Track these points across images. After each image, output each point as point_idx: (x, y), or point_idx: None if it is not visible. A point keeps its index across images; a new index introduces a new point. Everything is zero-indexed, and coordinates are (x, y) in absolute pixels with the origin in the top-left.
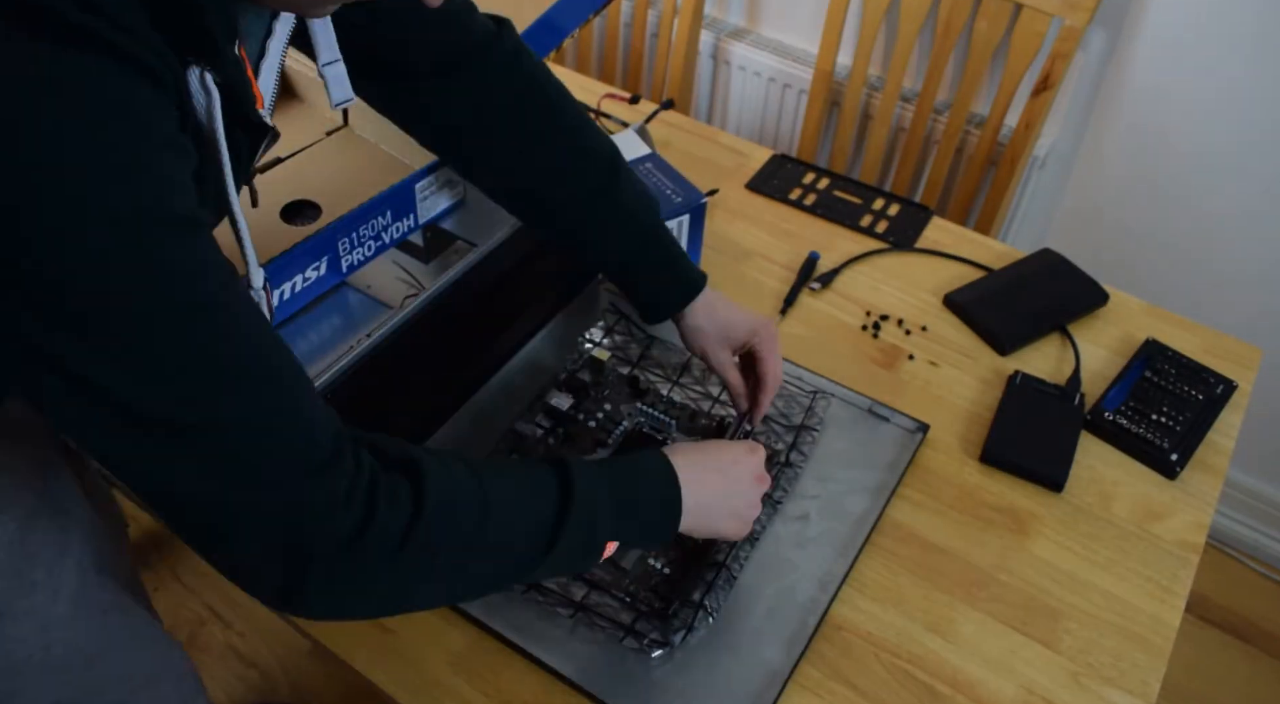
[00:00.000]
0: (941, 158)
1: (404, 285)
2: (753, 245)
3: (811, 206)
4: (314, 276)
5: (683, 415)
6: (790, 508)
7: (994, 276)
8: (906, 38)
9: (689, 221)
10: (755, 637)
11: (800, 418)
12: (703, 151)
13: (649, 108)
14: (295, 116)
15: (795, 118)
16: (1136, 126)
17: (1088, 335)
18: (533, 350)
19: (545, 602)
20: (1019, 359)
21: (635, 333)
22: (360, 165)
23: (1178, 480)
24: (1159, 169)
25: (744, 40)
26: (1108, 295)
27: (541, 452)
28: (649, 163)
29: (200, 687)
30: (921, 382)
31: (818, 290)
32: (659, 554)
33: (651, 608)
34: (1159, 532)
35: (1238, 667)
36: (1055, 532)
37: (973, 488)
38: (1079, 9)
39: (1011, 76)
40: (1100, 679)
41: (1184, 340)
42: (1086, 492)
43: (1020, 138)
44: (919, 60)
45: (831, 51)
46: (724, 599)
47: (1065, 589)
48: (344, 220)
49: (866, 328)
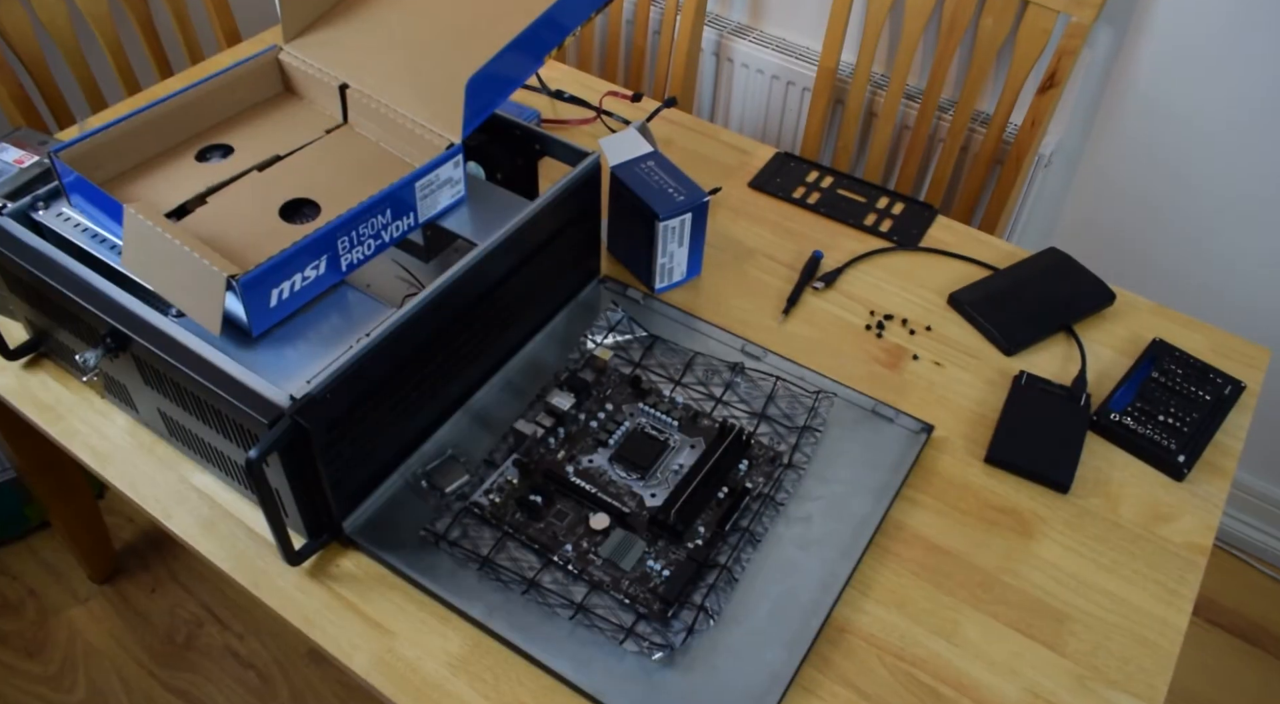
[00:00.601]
0: (946, 156)
1: (404, 284)
2: (756, 244)
3: (815, 205)
4: (313, 276)
5: (685, 416)
6: (793, 509)
7: (999, 276)
8: (911, 34)
9: (691, 220)
10: (757, 639)
11: (804, 419)
12: (705, 150)
13: (651, 105)
14: (294, 115)
15: (799, 116)
16: (1143, 124)
17: (1094, 335)
18: (534, 349)
19: (545, 603)
20: (1024, 359)
21: (637, 332)
22: (360, 163)
23: (1185, 482)
24: (1166, 168)
25: (747, 37)
26: (1114, 295)
27: (542, 452)
28: (651, 161)
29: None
30: (926, 382)
31: (821, 290)
32: (659, 556)
33: (651, 610)
34: (1166, 534)
35: (1245, 670)
36: (1061, 533)
37: (977, 489)
38: (1086, 5)
39: (1017, 74)
40: (1106, 682)
41: (1191, 340)
42: (1092, 493)
43: (1026, 136)
44: (924, 57)
45: (835, 49)
46: (725, 601)
47: (1071, 591)
48: (343, 219)
49: (870, 327)
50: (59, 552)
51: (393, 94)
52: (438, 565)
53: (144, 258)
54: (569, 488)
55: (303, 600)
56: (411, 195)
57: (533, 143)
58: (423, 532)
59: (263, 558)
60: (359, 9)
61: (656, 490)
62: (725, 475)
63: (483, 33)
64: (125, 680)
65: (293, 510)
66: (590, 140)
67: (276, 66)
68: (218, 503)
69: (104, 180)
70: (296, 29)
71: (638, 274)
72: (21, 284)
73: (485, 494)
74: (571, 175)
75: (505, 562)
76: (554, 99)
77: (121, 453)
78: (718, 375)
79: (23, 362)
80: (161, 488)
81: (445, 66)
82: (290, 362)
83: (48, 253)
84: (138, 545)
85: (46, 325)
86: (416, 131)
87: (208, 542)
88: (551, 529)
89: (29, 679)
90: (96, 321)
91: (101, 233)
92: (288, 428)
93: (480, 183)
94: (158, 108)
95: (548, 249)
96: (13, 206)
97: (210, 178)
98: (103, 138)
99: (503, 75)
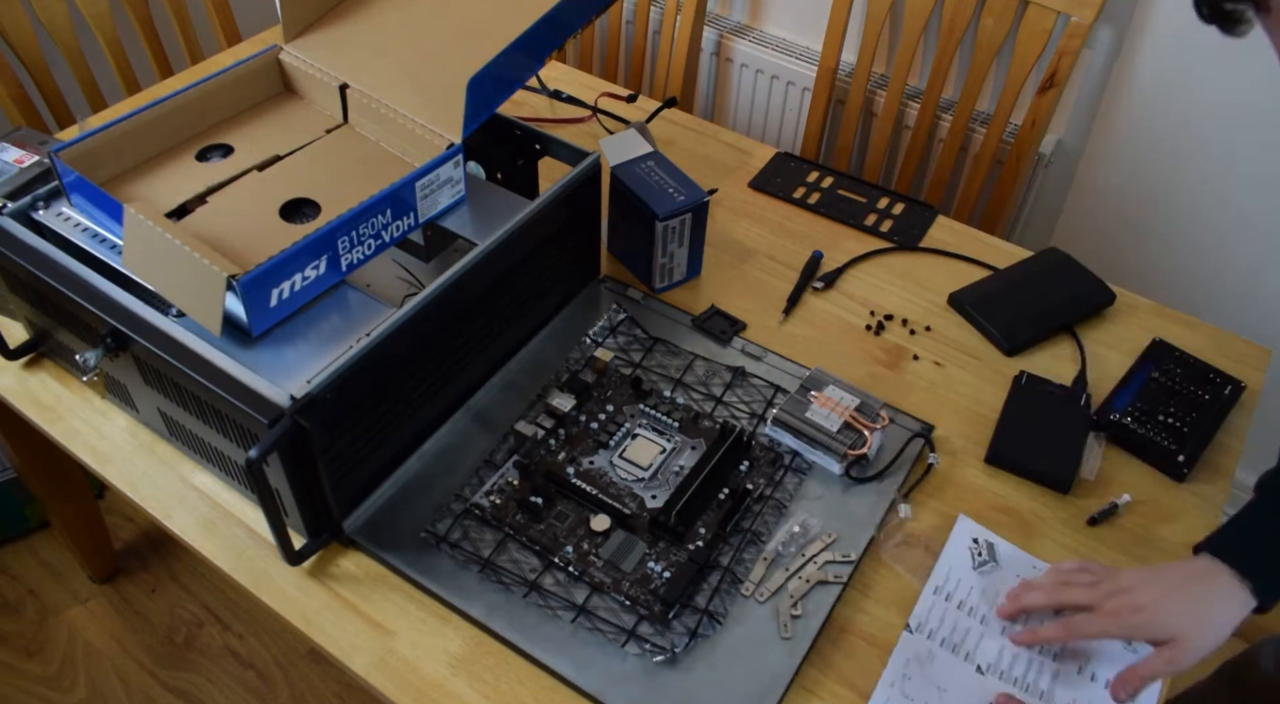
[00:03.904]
0: (946, 156)
1: (404, 284)
2: (756, 244)
3: (815, 205)
4: (313, 275)
5: (685, 417)
6: (795, 510)
7: (999, 276)
8: (911, 34)
9: (691, 220)
10: (757, 639)
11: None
12: (705, 150)
13: (651, 106)
14: (294, 115)
15: (799, 116)
16: (1143, 124)
17: (1094, 335)
18: (534, 350)
19: (546, 604)
20: (1025, 359)
21: (638, 333)
22: (360, 163)
23: (1185, 482)
24: (1166, 167)
25: (747, 37)
26: (1114, 295)
27: (543, 453)
28: (651, 161)
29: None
30: (926, 382)
31: (821, 290)
32: (660, 557)
33: (652, 611)
34: (1166, 534)
35: None
36: (1061, 534)
37: (978, 489)
38: (1086, 5)
39: (1017, 74)
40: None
41: (1192, 341)
42: (1092, 493)
43: (1026, 136)
44: (924, 57)
45: (835, 48)
46: (731, 604)
47: None
48: (343, 219)
49: (870, 328)
50: (59, 552)
51: (393, 94)
52: (438, 565)
53: (144, 258)
54: (570, 489)
55: (303, 600)
56: (411, 195)
57: (533, 143)
58: (423, 533)
59: (263, 558)
60: (359, 9)
61: (657, 492)
62: (726, 476)
63: (483, 33)
64: (125, 680)
65: (293, 510)
66: (588, 140)
67: (276, 66)
68: (218, 503)
69: (104, 180)
70: (297, 29)
71: (638, 274)
72: (21, 284)
73: (486, 495)
74: (571, 175)
75: (506, 563)
76: (552, 99)
77: (121, 453)
78: (718, 376)
79: (23, 361)
80: (161, 488)
81: (446, 67)
82: (290, 361)
83: (48, 253)
84: (138, 545)
85: (46, 325)
86: (416, 131)
87: (208, 542)
88: (552, 531)
89: (29, 679)
90: (97, 321)
91: (101, 233)
92: (288, 428)
93: (480, 183)
94: (158, 108)
95: (548, 249)
96: (13, 206)
97: (210, 178)
98: (103, 138)
99: (504, 75)
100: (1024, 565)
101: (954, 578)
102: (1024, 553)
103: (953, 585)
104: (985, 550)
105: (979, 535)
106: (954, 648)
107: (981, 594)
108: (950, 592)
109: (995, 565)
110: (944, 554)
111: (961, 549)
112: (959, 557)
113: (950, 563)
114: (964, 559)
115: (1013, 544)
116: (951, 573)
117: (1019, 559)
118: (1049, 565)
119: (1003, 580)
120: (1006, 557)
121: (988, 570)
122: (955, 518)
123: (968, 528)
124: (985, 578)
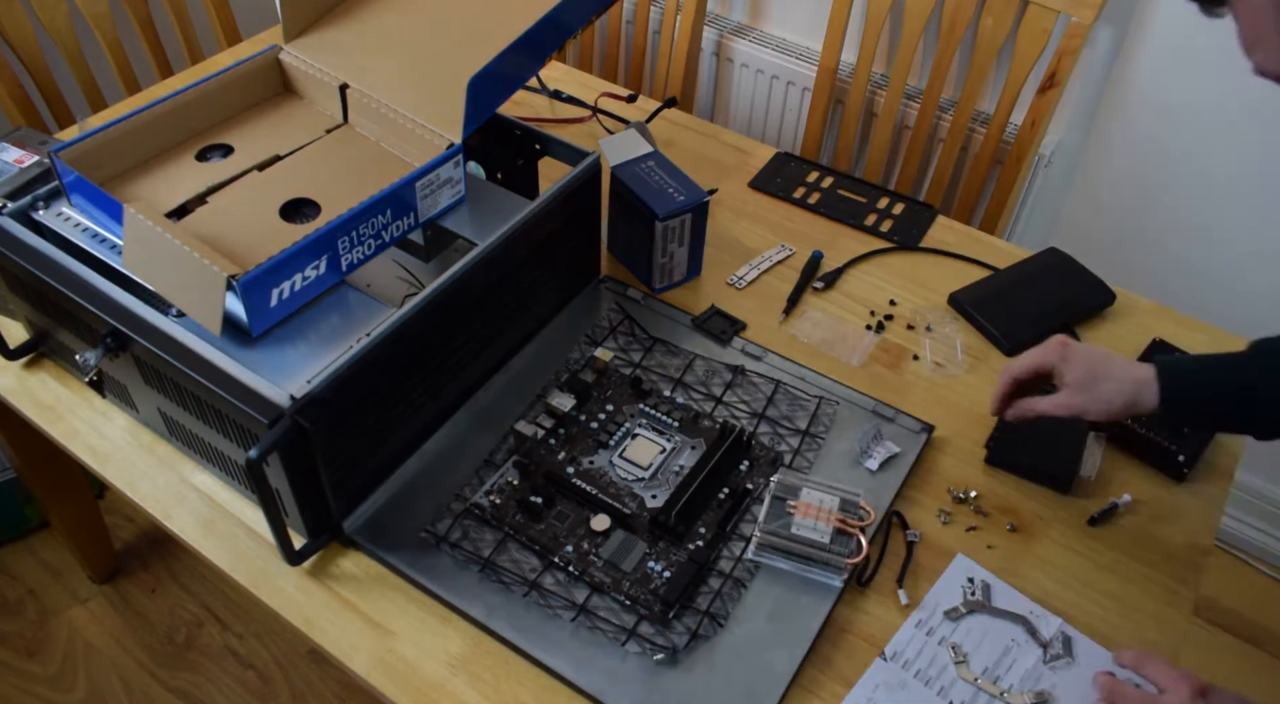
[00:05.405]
0: (946, 156)
1: (404, 284)
2: (756, 244)
3: (815, 205)
4: (313, 275)
5: (685, 417)
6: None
7: (999, 276)
8: (911, 34)
9: (691, 220)
10: (758, 639)
11: (805, 423)
12: (705, 150)
13: (651, 105)
14: (294, 115)
15: (799, 115)
16: (1143, 124)
17: (1094, 335)
18: (534, 350)
19: (546, 604)
20: None
21: (638, 333)
22: (360, 163)
23: (1186, 483)
24: (1166, 167)
25: (747, 37)
26: (1114, 295)
27: (543, 453)
28: (651, 161)
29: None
30: (926, 382)
31: (821, 290)
32: (660, 557)
33: (652, 611)
34: (1166, 534)
35: (1245, 670)
36: (1061, 534)
37: (978, 489)
38: (1086, 5)
39: (1017, 74)
40: None
41: (1192, 340)
42: (1092, 493)
43: (1026, 136)
44: (924, 57)
45: (835, 48)
46: (733, 605)
47: (1071, 591)
48: (343, 219)
49: (871, 327)
50: (59, 552)
51: (393, 94)
52: (438, 565)
53: (144, 258)
54: (570, 489)
55: (303, 600)
56: (411, 195)
57: (533, 143)
58: (423, 533)
59: (263, 558)
60: (359, 9)
61: (657, 491)
62: (726, 476)
63: (484, 33)
64: (125, 680)
65: (293, 510)
66: (588, 140)
67: (276, 66)
68: (218, 503)
69: (104, 180)
70: (297, 29)
71: (638, 274)
72: (21, 284)
73: (486, 495)
74: (571, 175)
75: (506, 563)
76: (552, 99)
77: (121, 453)
78: (718, 376)
79: (23, 361)
80: (161, 488)
81: (446, 66)
82: (290, 361)
83: (48, 253)
84: (138, 545)
85: (46, 325)
86: (416, 131)
87: (208, 542)
88: (552, 530)
89: (29, 679)
90: (97, 321)
91: (101, 233)
92: (288, 428)
93: (480, 183)
94: (158, 108)
95: (548, 249)
96: (13, 206)
97: (210, 178)
98: (103, 138)
99: (504, 76)
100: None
101: (939, 614)
102: (1099, 646)
103: (936, 620)
104: (980, 590)
105: (975, 574)
106: (928, 681)
107: (966, 634)
108: (933, 627)
109: (1071, 661)
110: (933, 590)
111: (954, 587)
112: (948, 593)
113: (938, 599)
114: (954, 596)
115: (1027, 597)
116: (938, 609)
117: (1095, 653)
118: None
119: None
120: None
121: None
122: (953, 556)
123: (964, 566)
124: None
